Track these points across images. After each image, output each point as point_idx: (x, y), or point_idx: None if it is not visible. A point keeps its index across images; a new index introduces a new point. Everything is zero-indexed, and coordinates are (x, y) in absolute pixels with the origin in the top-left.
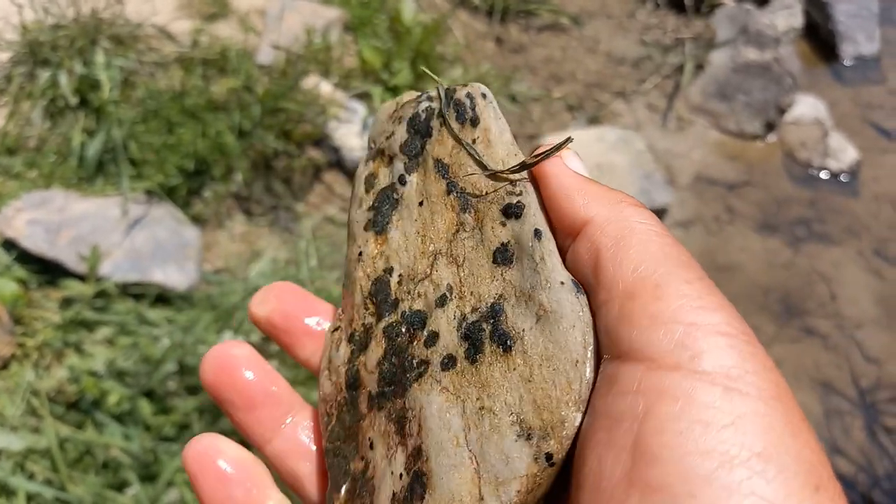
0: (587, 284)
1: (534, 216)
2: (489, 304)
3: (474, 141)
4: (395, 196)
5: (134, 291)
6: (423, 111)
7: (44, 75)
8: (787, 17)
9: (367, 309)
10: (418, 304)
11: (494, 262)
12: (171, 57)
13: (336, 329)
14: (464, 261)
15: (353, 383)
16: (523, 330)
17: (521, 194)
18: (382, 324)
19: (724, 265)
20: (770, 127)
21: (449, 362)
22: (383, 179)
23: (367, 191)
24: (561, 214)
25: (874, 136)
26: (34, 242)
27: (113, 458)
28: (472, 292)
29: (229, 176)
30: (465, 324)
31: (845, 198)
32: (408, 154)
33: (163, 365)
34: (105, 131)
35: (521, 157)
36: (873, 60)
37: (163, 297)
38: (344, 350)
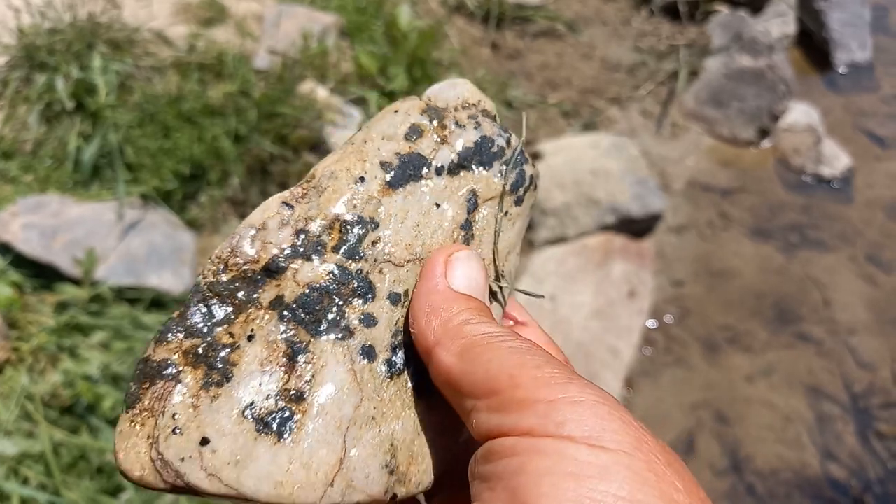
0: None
1: None
2: None
3: (506, 213)
4: (421, 173)
5: (129, 296)
6: (499, 141)
7: (40, 79)
8: (780, 25)
9: (331, 228)
10: (374, 277)
11: None
12: (168, 61)
13: (288, 205)
14: None
15: (273, 272)
16: (435, 391)
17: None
18: (335, 260)
19: (717, 271)
20: (764, 133)
21: (369, 352)
22: (426, 148)
23: (406, 136)
24: (416, 341)
25: (867, 143)
26: (30, 246)
27: (107, 463)
28: None
29: (225, 180)
30: (399, 337)
31: (838, 204)
32: (462, 159)
33: None
34: (101, 136)
35: (511, 267)
36: (866, 68)
37: (158, 302)
38: (286, 238)
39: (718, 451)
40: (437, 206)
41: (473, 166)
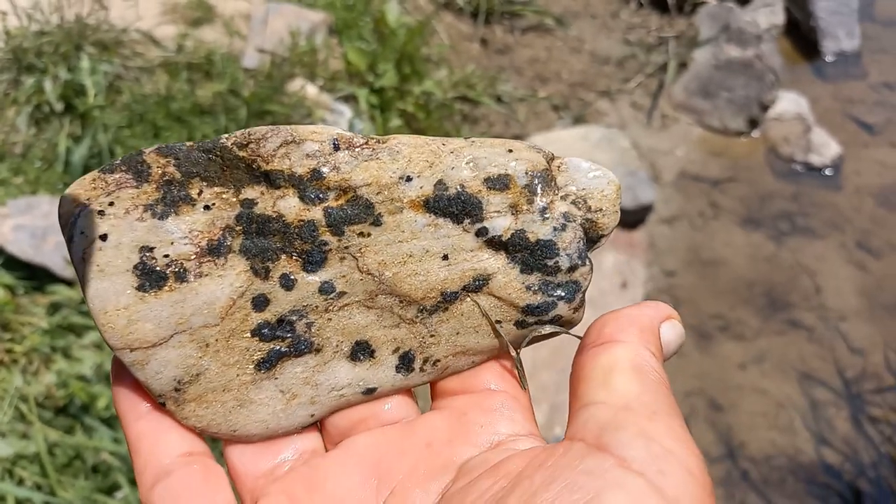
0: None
1: None
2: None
3: (498, 322)
4: (463, 221)
5: None
6: (563, 260)
7: (28, 81)
8: (768, 15)
9: (344, 193)
10: (330, 258)
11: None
12: (157, 62)
13: (336, 145)
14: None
15: (269, 182)
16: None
17: None
18: (317, 218)
19: (708, 260)
20: (753, 123)
21: (259, 303)
22: (492, 205)
23: (488, 180)
24: (596, 327)
25: (855, 131)
26: (20, 248)
27: (102, 462)
28: (342, 322)
29: None
30: (296, 320)
31: (828, 192)
32: (511, 243)
33: None
34: (90, 136)
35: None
36: (854, 56)
37: None
38: (304, 167)
39: (712, 439)
40: (445, 258)
41: (514, 258)
